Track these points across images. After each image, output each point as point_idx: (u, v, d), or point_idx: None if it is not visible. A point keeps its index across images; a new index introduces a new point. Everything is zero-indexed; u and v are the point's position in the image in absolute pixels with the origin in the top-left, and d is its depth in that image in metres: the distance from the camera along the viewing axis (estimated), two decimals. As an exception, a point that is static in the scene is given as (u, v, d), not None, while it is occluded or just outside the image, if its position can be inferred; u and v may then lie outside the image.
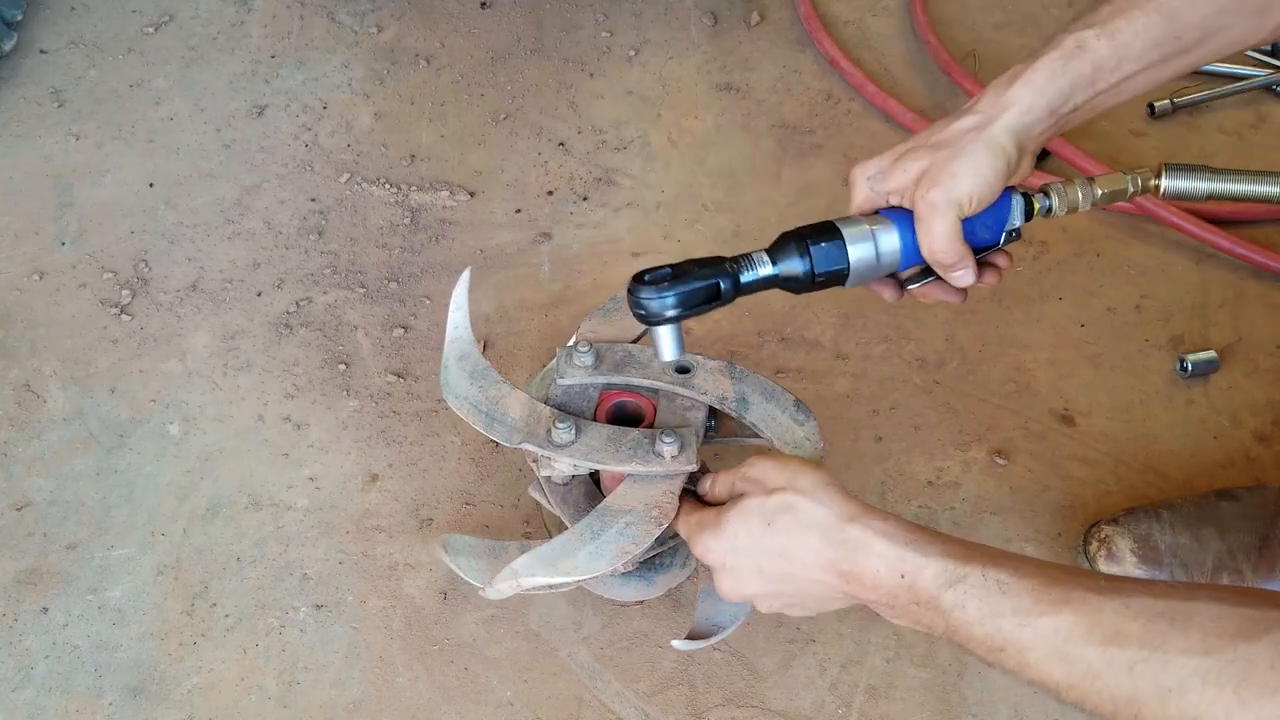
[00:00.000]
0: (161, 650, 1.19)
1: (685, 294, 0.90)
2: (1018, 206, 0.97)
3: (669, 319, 0.91)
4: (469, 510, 1.29)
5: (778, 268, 0.93)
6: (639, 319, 0.92)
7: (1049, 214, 0.99)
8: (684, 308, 0.91)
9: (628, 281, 0.92)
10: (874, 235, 0.93)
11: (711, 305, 0.92)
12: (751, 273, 0.93)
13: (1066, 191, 0.99)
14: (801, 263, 0.92)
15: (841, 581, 0.83)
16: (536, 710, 1.15)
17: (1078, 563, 1.23)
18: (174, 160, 1.63)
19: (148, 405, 1.38)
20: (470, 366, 1.10)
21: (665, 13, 1.83)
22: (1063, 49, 0.89)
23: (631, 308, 0.92)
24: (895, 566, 0.80)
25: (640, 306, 0.91)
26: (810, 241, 0.92)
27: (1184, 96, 1.66)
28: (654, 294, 0.90)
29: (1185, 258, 1.51)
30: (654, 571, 1.18)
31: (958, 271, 0.94)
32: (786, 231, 0.94)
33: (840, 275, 0.93)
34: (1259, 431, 1.36)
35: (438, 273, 1.51)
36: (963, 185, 0.89)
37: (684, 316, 0.91)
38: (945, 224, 0.90)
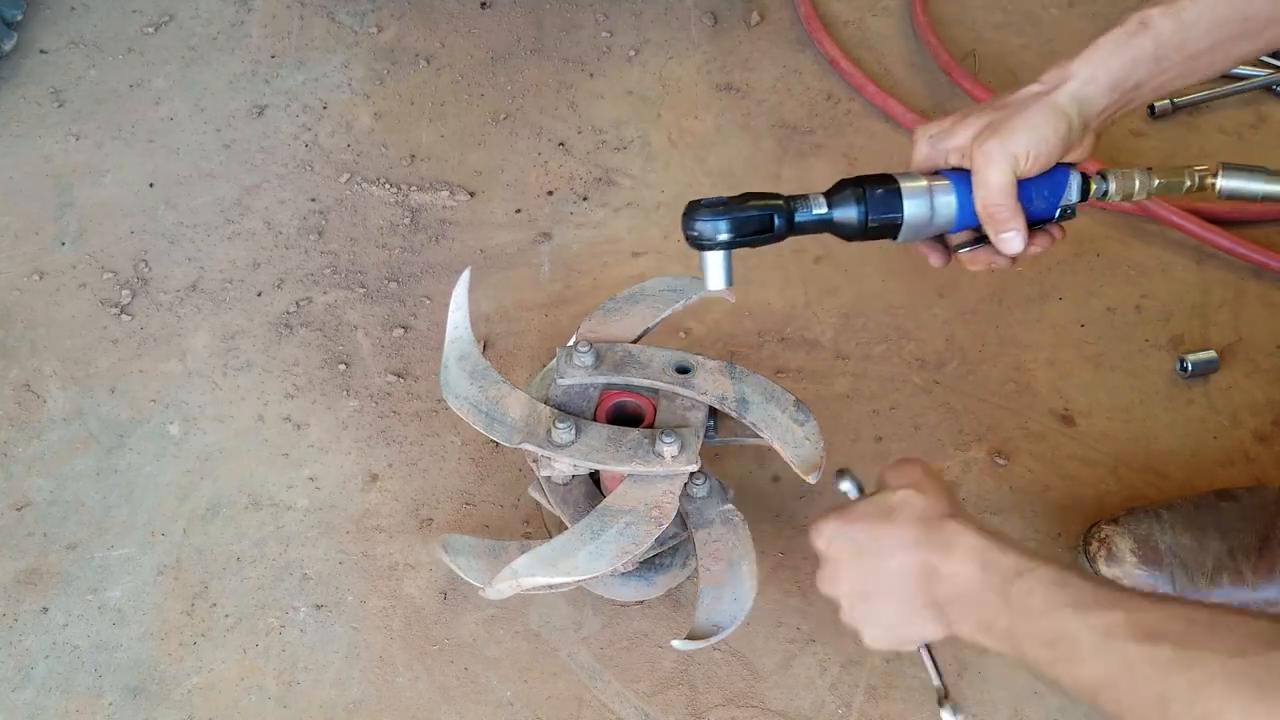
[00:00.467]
0: (161, 650, 1.19)
1: (739, 220, 0.91)
2: (1075, 182, 0.96)
3: (720, 244, 0.92)
4: (469, 510, 1.29)
5: (832, 211, 0.94)
6: (690, 242, 0.93)
7: (1104, 198, 0.99)
8: (736, 234, 0.92)
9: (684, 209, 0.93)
10: (931, 191, 0.94)
11: (763, 238, 0.93)
12: (806, 212, 0.93)
13: (1124, 178, 0.98)
14: (856, 210, 0.93)
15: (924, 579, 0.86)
16: (536, 710, 1.15)
17: (1078, 563, 1.23)
18: (174, 160, 1.63)
19: (148, 405, 1.38)
20: (470, 366, 1.10)
21: (665, 13, 1.83)
22: (1126, 26, 0.90)
23: (685, 230, 0.93)
24: (976, 557, 0.83)
25: (693, 229, 0.92)
26: (867, 189, 0.93)
27: (1184, 97, 1.66)
28: (708, 218, 0.91)
29: (1185, 258, 1.51)
30: (654, 571, 1.18)
31: (1008, 232, 0.93)
32: (845, 178, 0.95)
33: (893, 227, 0.94)
34: (1259, 431, 1.36)
35: (438, 273, 1.51)
36: (1020, 139, 0.90)
37: (735, 244, 0.92)
38: (1000, 175, 0.90)
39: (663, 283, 1.20)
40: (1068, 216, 0.98)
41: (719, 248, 0.93)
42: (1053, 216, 0.97)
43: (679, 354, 1.12)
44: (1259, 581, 1.15)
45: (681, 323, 1.45)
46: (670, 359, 1.12)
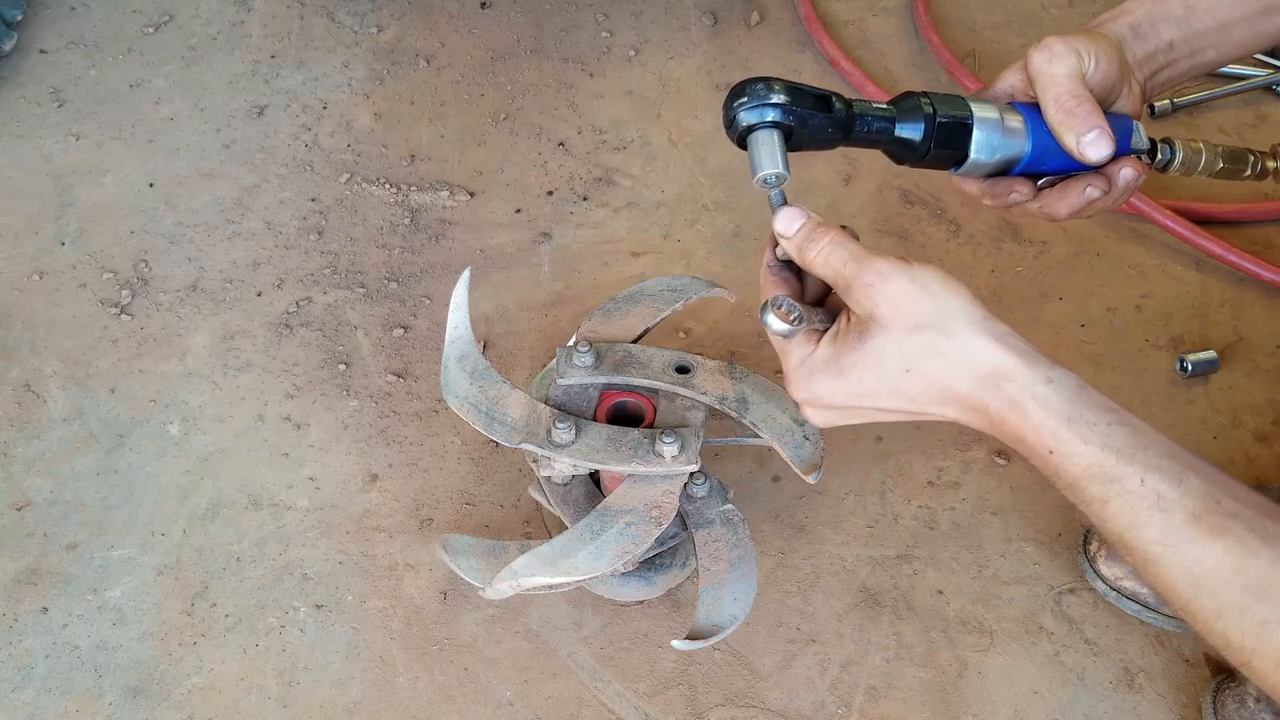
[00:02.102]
0: (161, 650, 1.19)
1: (795, 90, 0.79)
2: (1139, 131, 0.89)
3: (771, 113, 0.79)
4: (469, 510, 1.29)
5: (897, 121, 0.83)
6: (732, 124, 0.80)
7: (1166, 168, 0.93)
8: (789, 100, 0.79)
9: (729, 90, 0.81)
10: (999, 110, 0.84)
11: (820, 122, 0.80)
12: (866, 117, 0.82)
13: (1189, 148, 0.93)
14: (923, 123, 0.83)
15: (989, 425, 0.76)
16: (536, 710, 1.15)
17: (1078, 564, 1.23)
18: (174, 160, 1.63)
19: (148, 405, 1.38)
20: (470, 366, 1.10)
21: (665, 13, 1.83)
22: None
23: (726, 109, 0.81)
24: (1046, 443, 0.73)
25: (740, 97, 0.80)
26: (936, 100, 0.83)
27: (1184, 96, 1.66)
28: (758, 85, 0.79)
29: (1185, 258, 1.51)
30: (654, 571, 1.18)
31: (1090, 131, 0.82)
32: (910, 91, 0.85)
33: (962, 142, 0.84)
34: (1259, 431, 1.36)
35: (438, 273, 1.51)
36: (1078, 38, 0.83)
37: (785, 124, 0.79)
38: (1066, 66, 0.82)
39: (663, 283, 1.20)
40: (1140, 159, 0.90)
41: (768, 125, 0.79)
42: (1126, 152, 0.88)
43: (679, 354, 1.12)
44: (1259, 581, 1.15)
45: (681, 323, 1.45)
46: (670, 359, 1.12)
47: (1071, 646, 1.20)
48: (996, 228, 1.55)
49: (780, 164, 0.79)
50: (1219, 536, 0.68)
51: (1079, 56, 0.83)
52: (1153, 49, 0.88)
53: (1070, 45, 0.83)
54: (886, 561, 1.25)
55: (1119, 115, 0.88)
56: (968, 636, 1.20)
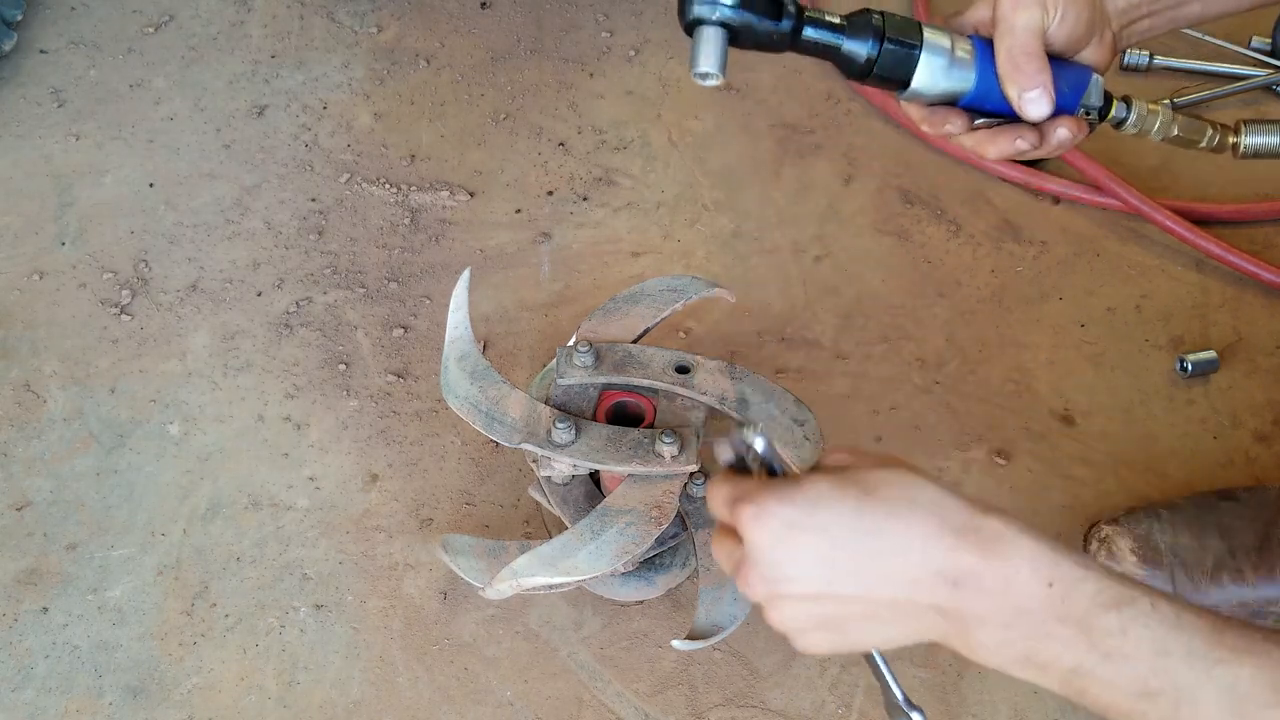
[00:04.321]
0: (161, 650, 1.19)
1: None
2: (1096, 86, 0.88)
3: (720, 17, 0.79)
4: (469, 510, 1.29)
5: (845, 36, 0.83)
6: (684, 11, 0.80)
7: (1121, 125, 0.92)
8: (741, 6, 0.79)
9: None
10: (953, 44, 0.84)
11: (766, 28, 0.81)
12: (818, 26, 0.83)
13: (1147, 112, 0.92)
14: (871, 40, 0.83)
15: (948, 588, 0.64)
16: (536, 710, 1.15)
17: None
18: (174, 160, 1.63)
19: (148, 405, 1.38)
20: (470, 366, 1.10)
21: (665, 13, 1.83)
22: None
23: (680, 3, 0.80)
24: (1044, 571, 0.63)
25: None
26: (887, 20, 0.83)
27: (1184, 96, 1.66)
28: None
29: (1185, 257, 1.51)
30: (654, 571, 1.18)
31: (1033, 89, 0.81)
32: (866, 8, 0.85)
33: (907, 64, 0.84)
34: (1259, 431, 1.36)
35: (438, 273, 1.51)
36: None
37: (734, 21, 0.79)
38: (1028, 18, 0.81)
39: (663, 283, 1.21)
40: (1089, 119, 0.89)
41: (716, 22, 0.79)
42: (1073, 113, 0.88)
43: (679, 354, 1.12)
44: (1259, 580, 1.15)
45: (681, 323, 1.45)
46: (670, 359, 1.12)
47: (1071, 646, 1.20)
48: (996, 228, 1.55)
49: (716, 64, 0.79)
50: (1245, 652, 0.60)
51: (1045, 10, 0.81)
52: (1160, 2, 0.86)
53: None
54: (886, 561, 1.25)
55: (1078, 66, 0.88)
56: (968, 636, 1.20)
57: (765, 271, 1.50)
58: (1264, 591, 1.15)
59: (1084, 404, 1.38)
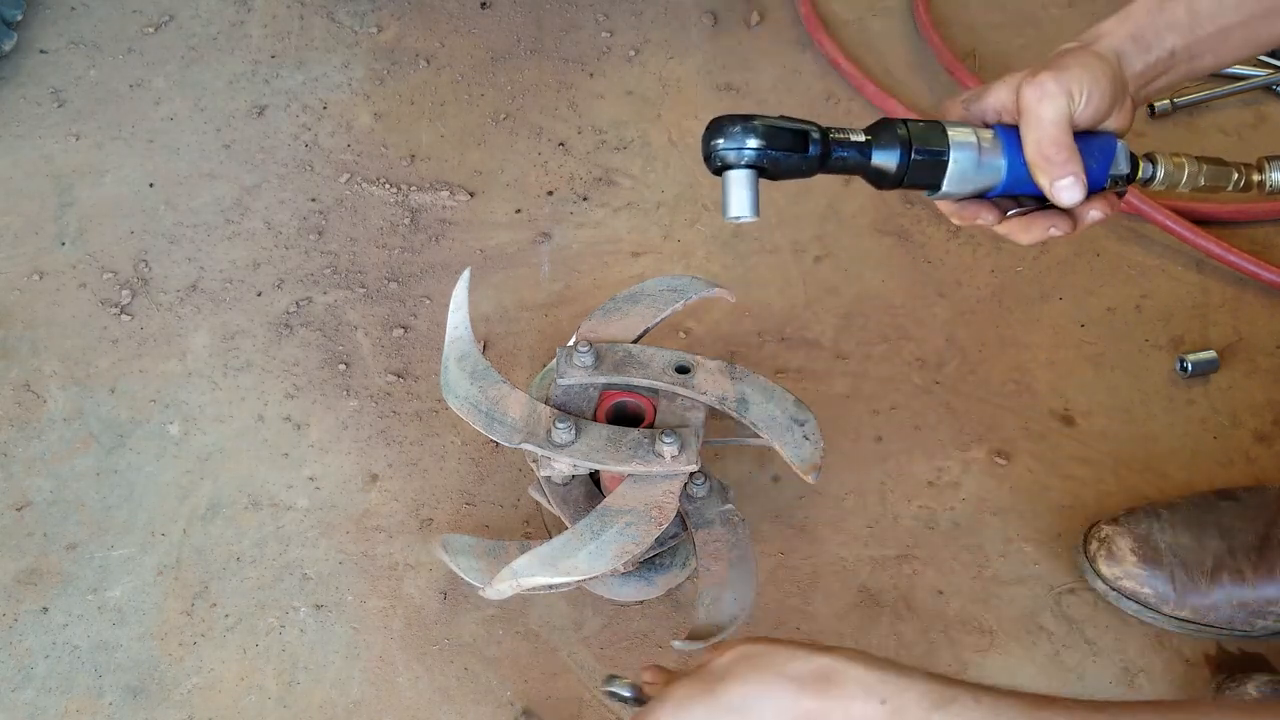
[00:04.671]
0: (161, 650, 1.19)
1: (771, 131, 0.80)
2: (1123, 152, 0.89)
3: (747, 159, 0.80)
4: (469, 510, 1.29)
5: (873, 149, 0.84)
6: (710, 159, 0.82)
7: (1149, 183, 0.92)
8: (767, 145, 0.80)
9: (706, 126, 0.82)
10: (979, 141, 0.84)
11: (794, 160, 0.81)
12: (845, 146, 0.83)
13: (1173, 165, 0.93)
14: (898, 152, 0.83)
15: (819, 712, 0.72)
16: (536, 710, 1.15)
17: (1078, 564, 1.23)
18: (174, 160, 1.63)
19: (148, 405, 1.38)
20: (470, 366, 1.10)
21: (665, 13, 1.83)
22: None
23: (705, 145, 0.82)
24: (875, 690, 0.70)
25: (717, 139, 0.81)
26: (911, 128, 0.83)
27: (1184, 96, 1.66)
28: (735, 126, 0.80)
29: (1185, 258, 1.51)
30: (654, 571, 1.18)
31: (1065, 178, 0.83)
32: (888, 118, 0.85)
33: (937, 172, 0.84)
34: (1259, 431, 1.36)
35: (438, 273, 1.51)
36: (1073, 73, 0.82)
37: (764, 162, 0.80)
38: (1055, 109, 0.82)
39: (663, 283, 1.21)
40: (1119, 191, 0.90)
41: (745, 165, 0.80)
42: (1103, 187, 0.88)
43: (679, 354, 1.12)
44: (1259, 580, 1.15)
45: (681, 323, 1.45)
46: (670, 359, 1.12)
47: (1071, 646, 1.20)
48: (996, 228, 1.55)
49: (749, 207, 0.81)
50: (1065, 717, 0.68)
51: (1070, 98, 0.82)
52: (1154, 60, 0.88)
53: (1063, 85, 0.82)
54: (886, 561, 1.25)
55: (1103, 135, 0.89)
56: (968, 637, 1.20)
57: (765, 271, 1.50)
58: (1264, 591, 1.15)
59: (1084, 404, 1.38)
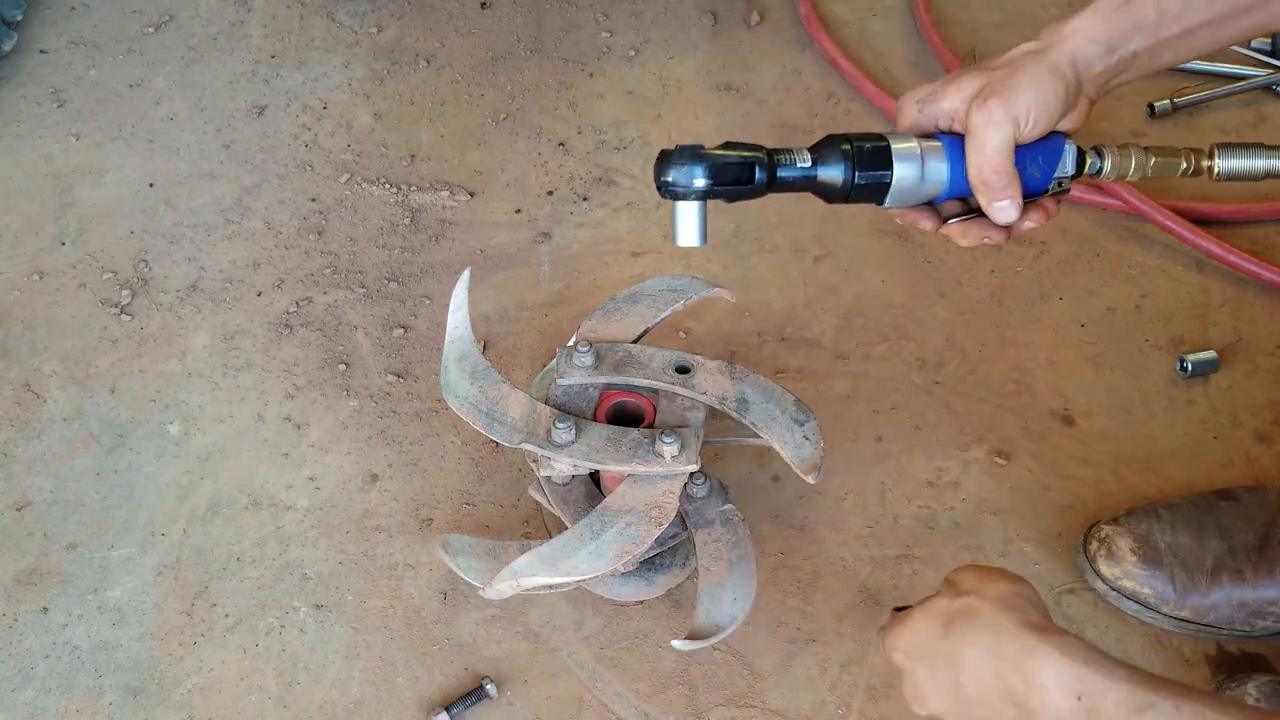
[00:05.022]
0: (161, 650, 1.19)
1: (717, 166, 0.83)
2: (1070, 154, 0.91)
3: (695, 193, 0.83)
4: (469, 510, 1.29)
5: (817, 168, 0.87)
6: (662, 190, 0.85)
7: (1098, 175, 0.94)
8: (713, 182, 0.83)
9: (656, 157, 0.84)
10: (922, 153, 0.87)
11: (742, 189, 0.85)
12: (790, 167, 0.86)
13: (1119, 156, 0.94)
14: (843, 168, 0.86)
15: (1006, 703, 0.76)
16: (536, 710, 1.15)
17: (1078, 564, 1.23)
18: (174, 160, 1.63)
19: (148, 405, 1.38)
20: (470, 366, 1.10)
21: (665, 13, 1.83)
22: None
23: (656, 177, 0.84)
24: (1072, 686, 0.72)
25: (666, 175, 0.84)
26: (855, 146, 0.86)
27: (1184, 96, 1.66)
28: (683, 163, 0.83)
29: (1185, 257, 1.51)
30: (654, 571, 1.18)
31: (1003, 200, 0.86)
32: (833, 134, 0.88)
33: (880, 189, 0.87)
34: (1259, 431, 1.36)
35: (438, 273, 1.51)
36: (1022, 99, 0.84)
37: (712, 193, 0.84)
38: (1000, 138, 0.84)
39: (663, 283, 1.21)
40: (1062, 191, 0.92)
41: (693, 197, 0.83)
42: (1046, 190, 0.91)
43: (679, 354, 1.12)
44: (1259, 581, 1.15)
45: (681, 323, 1.45)
46: (670, 359, 1.12)
47: (1071, 646, 1.20)
48: (996, 228, 1.55)
49: (697, 236, 0.85)
50: None
51: (1016, 124, 0.84)
52: (1115, 61, 0.88)
53: (1010, 112, 0.84)
54: (886, 561, 1.25)
55: (1053, 137, 0.90)
56: (968, 636, 1.20)
57: (765, 271, 1.50)
58: (1264, 591, 1.15)
59: (1084, 404, 1.38)
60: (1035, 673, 0.74)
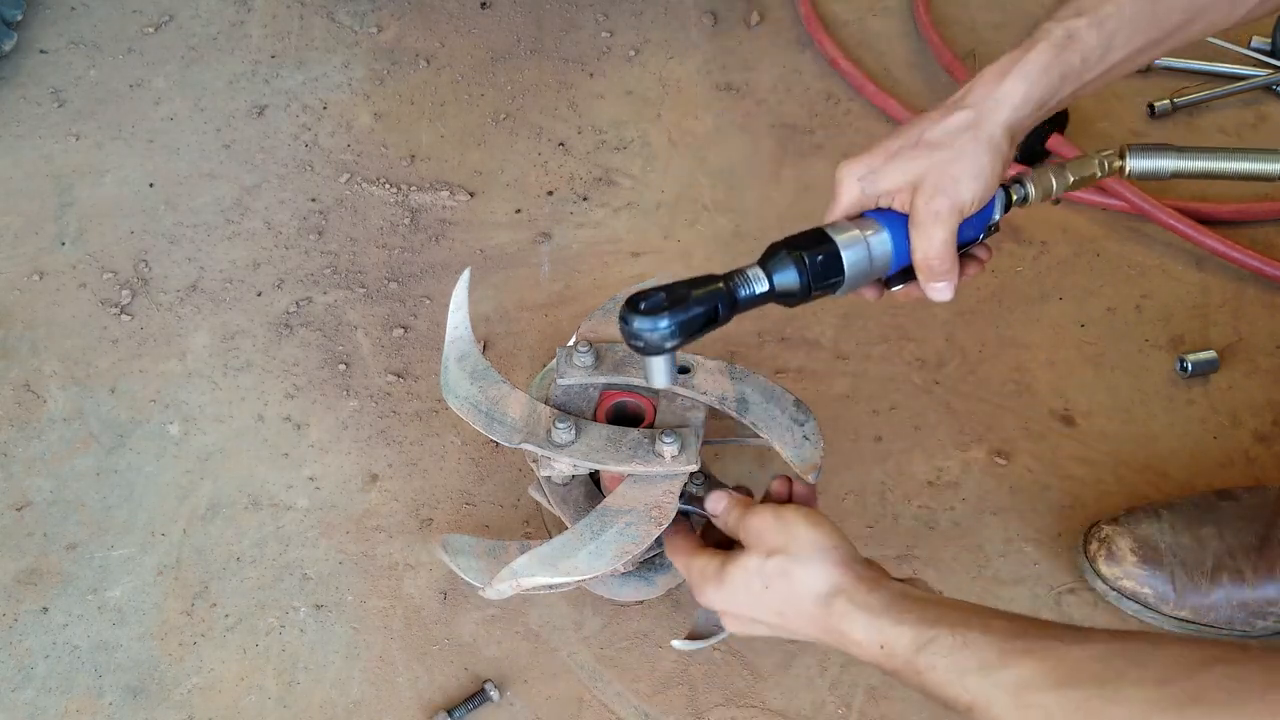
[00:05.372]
0: (161, 650, 1.19)
1: (683, 322, 0.86)
2: (999, 201, 0.94)
3: (667, 350, 0.87)
4: (469, 510, 1.29)
5: (774, 282, 0.89)
6: (633, 349, 0.87)
7: (1025, 203, 0.97)
8: (682, 337, 0.86)
9: (620, 307, 0.87)
10: (866, 242, 0.90)
11: (709, 329, 0.88)
12: (748, 290, 0.89)
13: (1040, 179, 0.97)
14: (797, 276, 0.89)
15: (837, 642, 0.86)
16: (536, 710, 1.15)
17: (1078, 564, 1.23)
18: (174, 160, 1.63)
19: (148, 405, 1.38)
20: (470, 366, 1.10)
21: (665, 13, 1.83)
22: (1053, 40, 0.87)
23: (626, 338, 0.87)
24: (874, 638, 0.82)
25: (637, 338, 0.86)
26: (805, 253, 0.89)
27: (1184, 96, 1.66)
28: (650, 324, 0.85)
29: (1185, 257, 1.51)
30: (654, 571, 1.18)
31: (941, 283, 0.92)
32: (776, 243, 0.90)
33: (835, 285, 0.91)
34: (1259, 431, 1.36)
35: (438, 273, 1.51)
36: (966, 192, 0.87)
37: (681, 345, 0.87)
38: (946, 232, 0.88)
39: (663, 283, 1.20)
40: (992, 233, 0.96)
41: (665, 353, 0.88)
42: (978, 239, 0.95)
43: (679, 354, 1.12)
44: (1259, 581, 1.15)
45: (681, 323, 1.45)
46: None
47: (1071, 646, 1.20)
48: (996, 228, 1.55)
49: (669, 380, 0.91)
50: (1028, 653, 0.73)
51: (961, 214, 0.88)
52: (1044, 111, 0.90)
53: (956, 204, 0.87)
54: (886, 561, 1.25)
55: None
56: (968, 636, 1.20)
57: (765, 271, 1.50)
58: (1264, 591, 1.15)
59: (1084, 404, 1.38)
60: (848, 632, 0.83)
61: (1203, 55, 1.72)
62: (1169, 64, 1.72)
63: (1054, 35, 0.87)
